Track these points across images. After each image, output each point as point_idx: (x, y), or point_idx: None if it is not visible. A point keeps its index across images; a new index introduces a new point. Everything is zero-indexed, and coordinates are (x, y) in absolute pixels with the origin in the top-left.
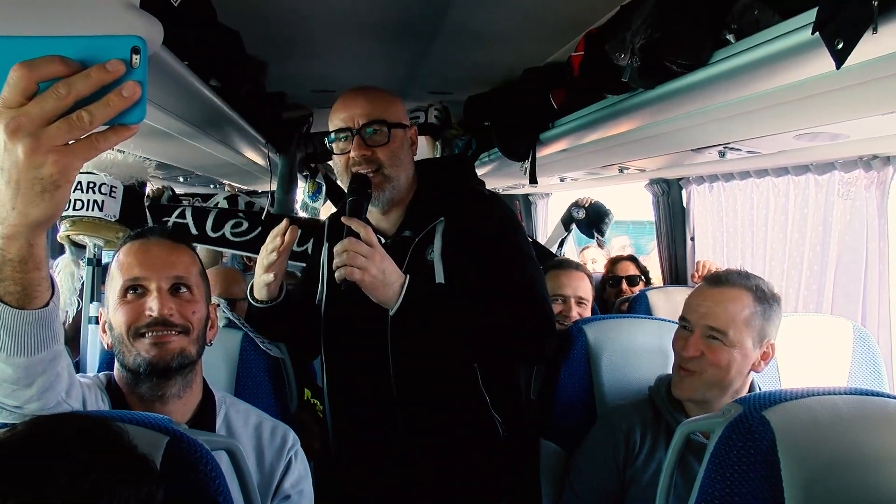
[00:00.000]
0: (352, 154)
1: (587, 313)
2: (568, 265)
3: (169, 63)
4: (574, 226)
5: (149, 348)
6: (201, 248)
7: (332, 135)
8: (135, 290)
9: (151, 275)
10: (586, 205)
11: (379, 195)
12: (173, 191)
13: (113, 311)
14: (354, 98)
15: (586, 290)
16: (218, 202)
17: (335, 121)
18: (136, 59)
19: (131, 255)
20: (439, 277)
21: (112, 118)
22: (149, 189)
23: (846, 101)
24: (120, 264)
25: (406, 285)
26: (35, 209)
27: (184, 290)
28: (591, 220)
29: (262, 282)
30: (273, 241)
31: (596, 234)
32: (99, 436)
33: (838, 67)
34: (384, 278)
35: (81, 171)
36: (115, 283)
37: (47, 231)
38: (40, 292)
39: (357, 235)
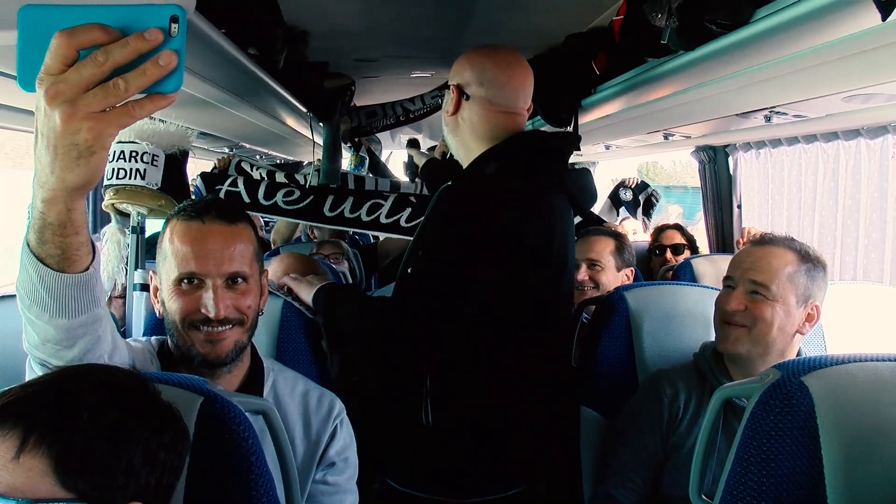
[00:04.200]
0: None
1: (604, 277)
2: (588, 232)
3: (206, 31)
4: (623, 207)
5: (203, 344)
6: (281, 220)
7: None
8: (191, 281)
9: (209, 270)
10: (632, 185)
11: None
12: (240, 160)
13: (167, 294)
14: None
15: (599, 252)
16: (309, 172)
17: None
18: (174, 27)
19: (187, 243)
20: (412, 241)
21: (148, 87)
22: (215, 161)
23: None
24: (175, 250)
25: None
26: (71, 174)
27: (240, 281)
28: (638, 201)
29: None
30: None
31: (642, 217)
32: (124, 382)
33: (884, 19)
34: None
35: (123, 140)
36: (168, 265)
37: (92, 200)
38: (80, 256)
39: None
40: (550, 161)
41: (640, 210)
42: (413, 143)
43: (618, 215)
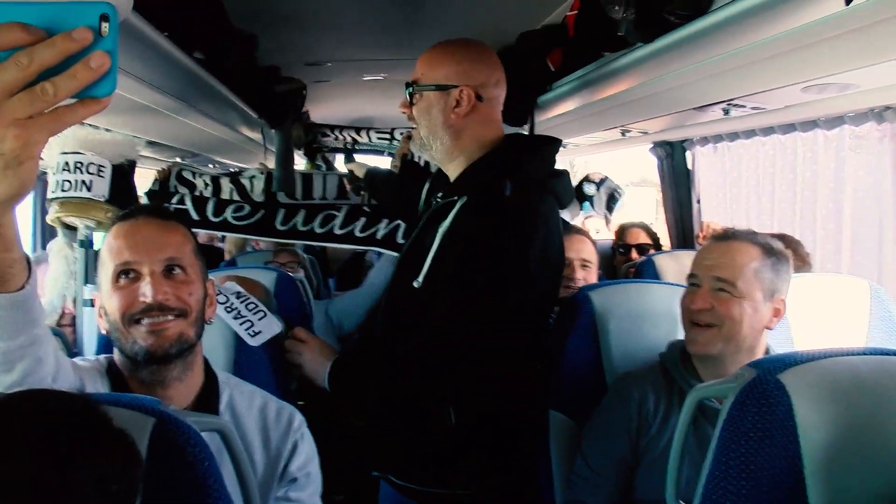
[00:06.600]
0: None
1: (593, 277)
2: (569, 229)
3: (146, 33)
4: (587, 201)
5: (146, 336)
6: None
7: None
8: (127, 274)
9: (143, 258)
10: (597, 181)
11: (415, 150)
12: (181, 169)
13: (107, 296)
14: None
15: (590, 253)
16: (254, 175)
17: None
18: (105, 27)
19: (121, 238)
20: (431, 256)
21: (80, 91)
22: (155, 173)
23: (855, 47)
24: (110, 248)
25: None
26: None
27: (178, 270)
28: (602, 196)
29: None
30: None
31: (605, 212)
32: (70, 407)
33: (848, 3)
34: (311, 366)
35: (67, 150)
36: (106, 268)
37: (40, 214)
38: (13, 275)
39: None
40: (547, 169)
41: (603, 205)
42: (350, 159)
43: (581, 210)
